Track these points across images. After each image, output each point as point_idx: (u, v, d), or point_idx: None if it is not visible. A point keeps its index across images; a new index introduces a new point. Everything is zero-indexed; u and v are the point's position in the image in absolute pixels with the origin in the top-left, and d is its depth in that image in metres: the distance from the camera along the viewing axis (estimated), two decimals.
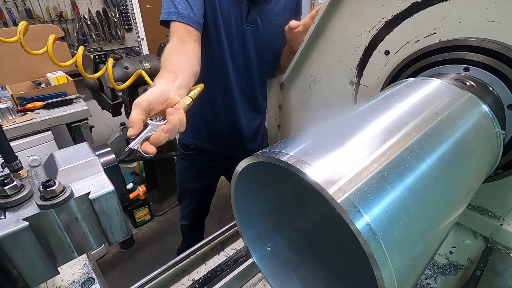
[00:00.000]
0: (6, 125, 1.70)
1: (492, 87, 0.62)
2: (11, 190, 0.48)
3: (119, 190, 0.57)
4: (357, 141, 0.41)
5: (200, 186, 1.54)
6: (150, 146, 0.60)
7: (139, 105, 0.62)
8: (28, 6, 2.58)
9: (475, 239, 0.80)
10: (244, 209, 0.55)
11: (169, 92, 0.69)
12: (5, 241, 0.44)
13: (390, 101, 0.52)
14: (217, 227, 1.04)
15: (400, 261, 0.33)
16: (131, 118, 0.61)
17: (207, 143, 1.37)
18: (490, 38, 0.61)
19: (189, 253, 0.96)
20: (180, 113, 0.66)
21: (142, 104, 0.62)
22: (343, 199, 0.32)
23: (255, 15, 1.10)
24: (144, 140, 0.60)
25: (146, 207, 2.70)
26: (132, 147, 0.58)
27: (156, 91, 0.66)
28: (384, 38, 0.78)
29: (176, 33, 0.94)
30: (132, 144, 0.59)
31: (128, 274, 2.30)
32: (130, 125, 0.61)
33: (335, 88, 0.96)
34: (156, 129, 0.61)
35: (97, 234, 0.55)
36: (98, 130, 3.01)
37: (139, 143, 0.59)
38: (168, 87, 0.70)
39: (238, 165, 0.45)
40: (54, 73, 2.13)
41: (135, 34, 3.25)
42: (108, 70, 0.82)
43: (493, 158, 0.60)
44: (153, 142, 0.60)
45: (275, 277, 0.56)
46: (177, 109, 0.66)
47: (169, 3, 0.96)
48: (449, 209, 0.45)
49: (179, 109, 0.66)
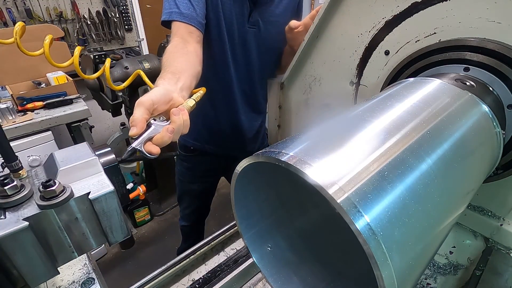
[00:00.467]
0: (6, 125, 1.70)
1: (492, 87, 0.62)
2: (11, 190, 0.48)
3: (119, 190, 0.57)
4: (357, 141, 0.41)
5: (201, 187, 1.54)
6: (154, 147, 0.58)
7: (142, 104, 0.60)
8: (28, 6, 2.58)
9: (475, 239, 0.80)
10: (244, 209, 0.55)
11: (172, 93, 0.68)
12: (5, 241, 0.44)
13: (390, 101, 0.52)
14: (217, 227, 1.04)
15: (400, 261, 0.33)
16: (134, 117, 0.59)
17: (207, 144, 1.36)
18: (490, 38, 0.61)
19: (189, 253, 0.96)
20: (185, 114, 0.65)
21: (146, 103, 0.60)
22: (343, 199, 0.32)
23: (257, 16, 1.10)
24: (147, 140, 0.58)
25: (146, 207, 2.70)
26: (135, 146, 0.57)
27: (159, 91, 0.65)
28: (384, 38, 0.78)
29: (177, 33, 0.93)
30: (134, 144, 0.57)
31: (128, 274, 2.30)
32: (133, 124, 0.58)
33: (335, 88, 0.96)
34: (159, 129, 0.60)
35: (97, 234, 0.55)
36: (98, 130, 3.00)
37: (142, 143, 0.57)
38: (171, 88, 0.69)
39: (238, 165, 0.45)
40: (54, 73, 2.12)
41: (135, 34, 3.25)
42: (105, 71, 0.81)
43: (493, 158, 0.60)
44: (156, 142, 0.59)
45: (275, 277, 0.56)
46: (182, 110, 0.65)
47: (171, 3, 0.95)
48: (449, 209, 0.45)
49: (183, 110, 0.66)
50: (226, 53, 1.12)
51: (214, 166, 1.47)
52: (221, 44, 1.10)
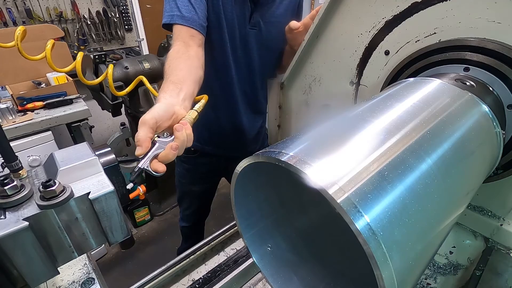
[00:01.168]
0: (6, 125, 1.70)
1: (492, 87, 0.62)
2: (11, 190, 0.48)
3: (119, 190, 0.57)
4: (357, 141, 0.41)
5: (201, 188, 1.54)
6: (160, 165, 0.60)
7: (146, 123, 0.62)
8: (28, 6, 2.58)
9: (475, 239, 0.80)
10: (244, 209, 0.55)
11: (174, 106, 0.69)
12: (5, 241, 0.44)
13: (390, 101, 0.52)
14: (217, 227, 1.04)
15: (400, 261, 0.33)
16: (138, 137, 0.60)
17: (208, 145, 1.36)
18: (490, 38, 0.61)
19: (189, 253, 0.96)
20: (188, 128, 0.66)
21: (149, 122, 0.62)
22: (343, 199, 0.32)
23: (258, 17, 1.10)
24: (153, 158, 0.60)
25: (146, 207, 2.70)
26: (142, 166, 0.59)
27: (162, 108, 0.66)
28: (384, 38, 0.78)
29: (179, 36, 0.93)
30: (141, 164, 0.59)
31: (128, 274, 2.30)
32: (138, 144, 0.60)
33: (335, 88, 0.96)
34: (164, 146, 0.61)
35: (97, 234, 0.55)
36: (98, 130, 3.01)
37: (148, 162, 0.59)
38: (173, 101, 0.70)
39: (238, 165, 0.45)
40: (54, 73, 2.12)
41: (135, 34, 3.25)
42: (108, 77, 0.81)
43: (493, 158, 0.60)
44: (162, 160, 0.61)
45: (275, 277, 0.56)
46: (184, 125, 0.66)
47: (172, 6, 0.94)
48: (449, 209, 0.45)
49: (186, 124, 0.67)
50: (227, 55, 1.12)
51: (214, 167, 1.47)
52: (222, 45, 1.09)
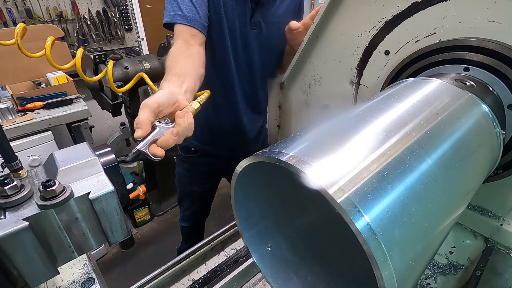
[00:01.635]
0: (6, 125, 1.70)
1: (492, 87, 0.62)
2: (11, 190, 0.48)
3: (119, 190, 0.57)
4: (357, 141, 0.41)
5: (201, 188, 1.54)
6: (159, 149, 0.58)
7: (148, 106, 0.60)
8: (28, 6, 2.58)
9: (475, 239, 0.80)
10: (244, 209, 0.55)
11: (177, 95, 0.68)
12: (5, 241, 0.44)
13: (390, 101, 0.52)
14: (217, 227, 1.04)
15: (400, 261, 0.33)
16: (139, 119, 0.59)
17: (209, 145, 1.36)
18: (490, 38, 0.61)
19: (189, 253, 0.96)
20: (189, 116, 0.65)
21: (152, 105, 0.61)
22: (343, 199, 0.32)
23: (259, 17, 1.10)
24: (152, 143, 0.59)
25: (146, 207, 2.70)
26: (140, 149, 0.57)
27: (165, 94, 0.65)
28: (384, 38, 0.78)
29: (180, 35, 0.93)
30: (139, 146, 0.57)
31: (128, 274, 2.30)
32: (138, 126, 0.59)
33: (335, 88, 0.96)
34: (164, 131, 0.60)
35: (97, 234, 0.55)
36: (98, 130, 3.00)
37: (147, 145, 0.58)
38: (176, 90, 0.69)
39: (238, 165, 0.45)
40: (54, 73, 2.12)
41: (135, 34, 3.25)
42: (108, 73, 0.81)
43: (493, 158, 0.60)
44: (161, 145, 0.59)
45: (275, 277, 0.56)
46: (186, 113, 0.65)
47: (174, 5, 0.94)
48: (449, 209, 0.45)
49: (188, 112, 0.66)
50: (228, 54, 1.12)
51: (215, 167, 1.47)
52: (223, 45, 1.09)
